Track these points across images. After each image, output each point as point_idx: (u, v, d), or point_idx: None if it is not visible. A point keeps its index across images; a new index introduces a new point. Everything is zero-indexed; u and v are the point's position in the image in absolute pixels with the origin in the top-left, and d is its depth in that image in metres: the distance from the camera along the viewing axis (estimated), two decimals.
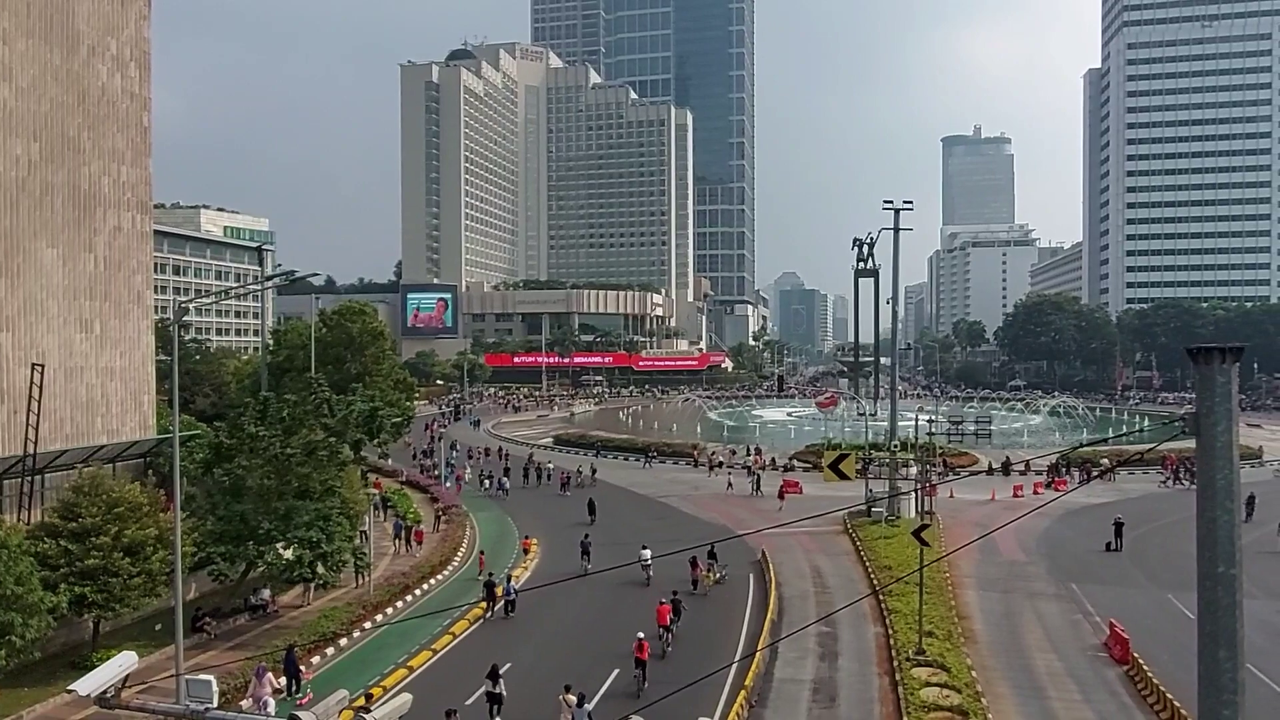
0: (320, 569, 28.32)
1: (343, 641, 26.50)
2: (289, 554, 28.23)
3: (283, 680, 22.24)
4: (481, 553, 36.50)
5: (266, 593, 29.83)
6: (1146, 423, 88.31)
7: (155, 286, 44.13)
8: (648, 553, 33.18)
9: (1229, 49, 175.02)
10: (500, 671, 21.48)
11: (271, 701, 20.61)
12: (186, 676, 8.08)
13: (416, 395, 67.33)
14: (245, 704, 20.62)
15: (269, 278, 58.80)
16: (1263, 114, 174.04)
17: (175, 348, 22.90)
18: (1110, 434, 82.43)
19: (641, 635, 23.82)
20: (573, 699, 20.34)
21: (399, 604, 30.68)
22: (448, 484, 53.14)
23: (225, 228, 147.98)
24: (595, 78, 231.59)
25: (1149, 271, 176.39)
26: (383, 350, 57.55)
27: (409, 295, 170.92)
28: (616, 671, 23.85)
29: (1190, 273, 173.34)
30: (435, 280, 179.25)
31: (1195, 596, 7.22)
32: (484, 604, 29.09)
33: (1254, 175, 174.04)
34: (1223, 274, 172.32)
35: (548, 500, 51.02)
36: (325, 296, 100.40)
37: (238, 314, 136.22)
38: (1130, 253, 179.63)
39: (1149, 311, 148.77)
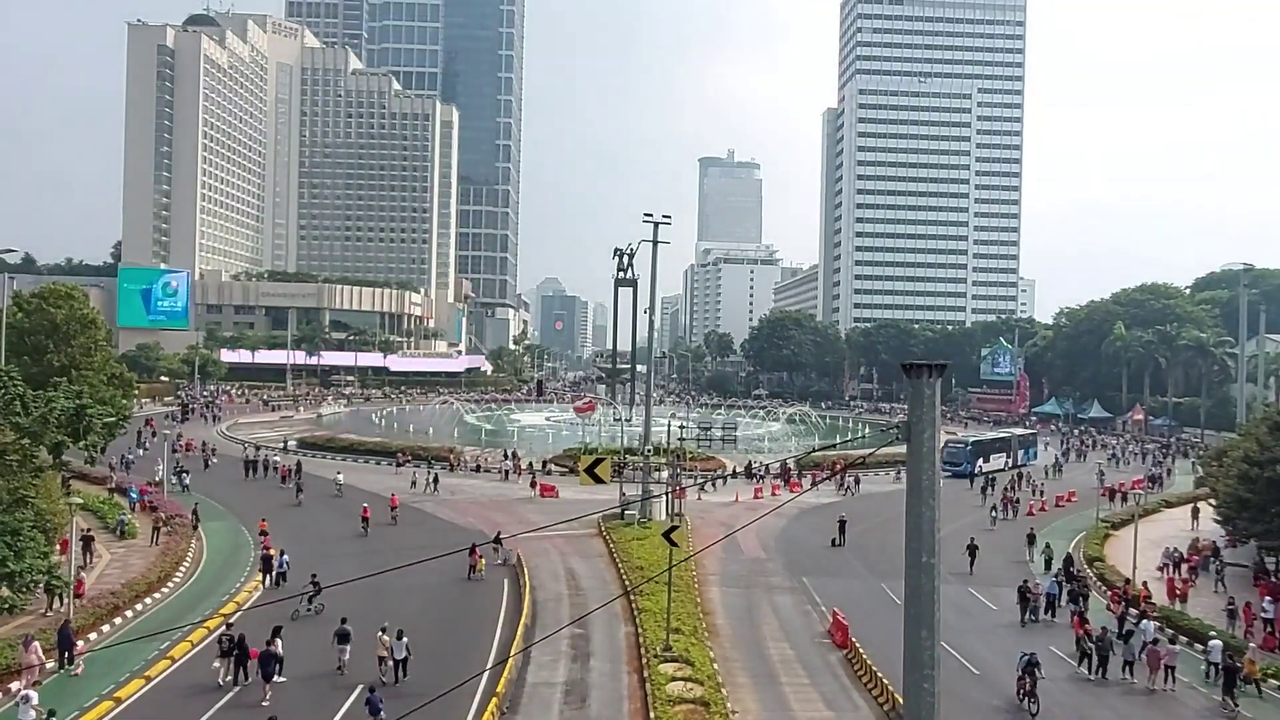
0: (6, 591, 24.43)
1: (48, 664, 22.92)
2: None
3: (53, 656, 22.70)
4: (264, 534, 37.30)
5: None
6: (868, 430, 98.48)
7: None
8: (341, 476, 51.74)
9: (938, 103, 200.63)
10: (281, 633, 22.96)
11: (34, 695, 19.42)
12: None
13: (136, 392, 60.40)
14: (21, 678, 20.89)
15: None
16: (963, 163, 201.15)
17: None
18: (838, 440, 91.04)
19: (365, 504, 41.25)
20: (387, 639, 22.89)
21: (105, 628, 27.19)
22: (132, 488, 47.22)
23: None
24: (356, 63, 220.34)
25: (873, 295, 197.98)
26: (95, 340, 51.27)
27: (128, 280, 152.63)
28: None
29: (906, 297, 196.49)
30: (164, 266, 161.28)
31: (904, 584, 8.07)
32: (261, 576, 32.59)
33: (955, 215, 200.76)
34: (930, 300, 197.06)
35: (270, 493, 50.87)
36: (23, 277, 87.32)
37: None
38: (858, 277, 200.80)
39: (872, 330, 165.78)
